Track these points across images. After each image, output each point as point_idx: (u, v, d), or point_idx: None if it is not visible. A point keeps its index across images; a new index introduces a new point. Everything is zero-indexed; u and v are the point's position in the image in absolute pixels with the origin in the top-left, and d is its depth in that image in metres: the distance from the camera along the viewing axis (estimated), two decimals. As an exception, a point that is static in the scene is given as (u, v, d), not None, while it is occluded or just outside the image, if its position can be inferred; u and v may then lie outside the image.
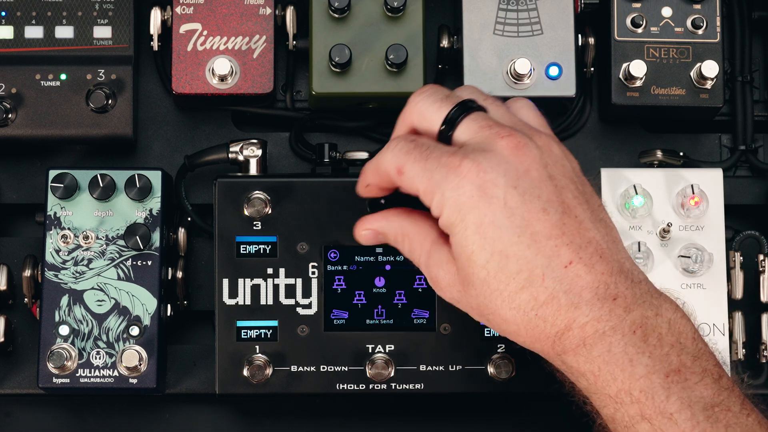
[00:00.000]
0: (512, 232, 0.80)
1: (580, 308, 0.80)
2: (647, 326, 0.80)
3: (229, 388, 1.00)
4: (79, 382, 1.01)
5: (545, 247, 0.80)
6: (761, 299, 1.05)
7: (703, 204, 1.02)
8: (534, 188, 0.81)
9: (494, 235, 0.80)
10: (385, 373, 1.00)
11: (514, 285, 0.81)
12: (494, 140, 0.82)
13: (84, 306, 1.01)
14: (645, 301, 0.81)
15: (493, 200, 0.80)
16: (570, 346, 0.81)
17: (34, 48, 1.05)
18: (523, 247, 0.80)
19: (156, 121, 1.10)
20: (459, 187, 0.81)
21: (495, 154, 0.81)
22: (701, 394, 0.79)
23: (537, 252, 0.80)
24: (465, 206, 0.81)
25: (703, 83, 1.05)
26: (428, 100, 0.86)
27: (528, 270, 0.80)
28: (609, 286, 0.81)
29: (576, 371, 0.82)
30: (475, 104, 0.85)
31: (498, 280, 0.81)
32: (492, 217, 0.80)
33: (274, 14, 1.06)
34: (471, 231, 0.81)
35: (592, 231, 0.82)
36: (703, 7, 1.06)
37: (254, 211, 1.00)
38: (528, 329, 0.82)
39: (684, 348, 0.80)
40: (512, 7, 1.05)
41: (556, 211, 0.81)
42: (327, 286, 1.01)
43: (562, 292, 0.80)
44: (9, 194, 1.09)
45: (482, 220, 0.81)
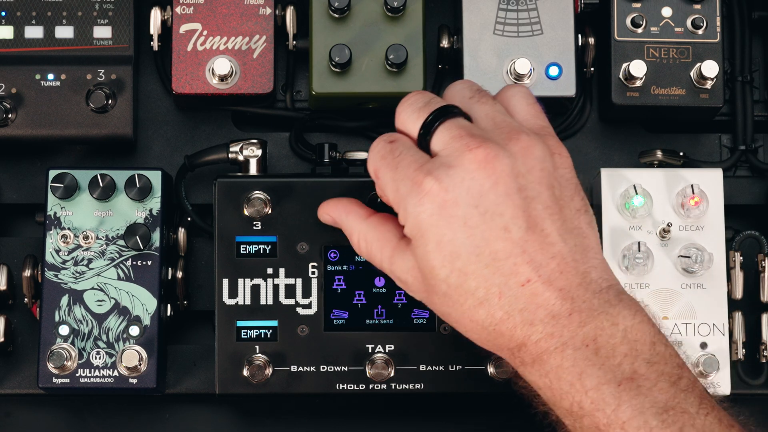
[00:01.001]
0: (471, 251, 0.81)
1: (535, 325, 0.81)
2: (600, 338, 0.81)
3: (229, 388, 1.00)
4: (79, 382, 1.01)
5: (504, 265, 0.81)
6: (761, 299, 1.05)
7: (703, 204, 1.02)
8: (498, 205, 0.81)
9: (453, 252, 0.81)
10: (385, 373, 1.00)
11: (472, 301, 0.82)
12: (462, 154, 0.82)
13: (84, 306, 1.01)
14: (602, 312, 0.81)
15: (453, 219, 0.81)
16: (526, 360, 0.82)
17: (34, 48, 1.05)
18: (482, 266, 0.81)
19: (156, 121, 1.10)
20: (419, 204, 0.82)
21: (460, 169, 0.81)
22: (655, 399, 0.79)
23: (495, 271, 0.81)
24: (425, 223, 0.82)
25: (703, 83, 1.05)
26: (410, 107, 0.86)
27: (485, 288, 0.81)
28: (565, 301, 0.81)
29: (535, 384, 0.84)
30: (455, 110, 0.85)
31: (458, 294, 0.82)
32: (451, 236, 0.81)
33: (274, 14, 1.06)
34: (431, 247, 0.82)
35: (558, 244, 0.82)
36: (703, 7, 1.06)
37: (254, 211, 1.00)
38: (488, 341, 0.84)
39: (639, 355, 0.81)
40: (512, 7, 1.05)
41: (519, 228, 0.81)
42: (327, 286, 1.01)
43: (518, 311, 0.81)
44: (9, 194, 1.09)
45: (441, 238, 0.81)
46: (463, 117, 0.85)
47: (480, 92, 0.88)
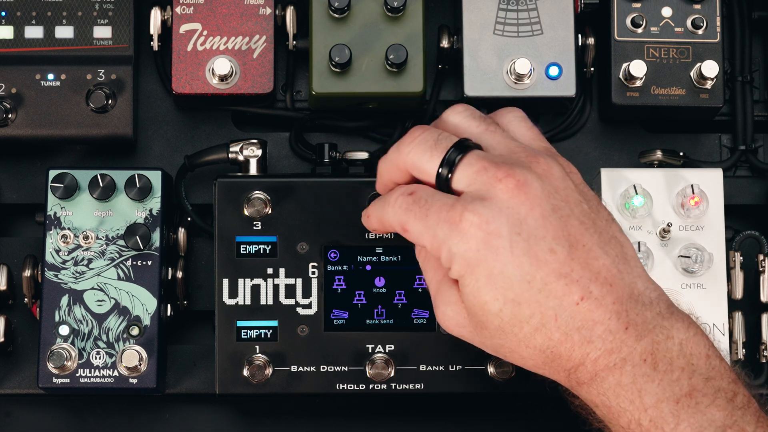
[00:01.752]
0: (522, 279, 0.80)
1: (593, 343, 0.81)
2: (657, 352, 0.80)
3: (229, 388, 1.00)
4: (79, 382, 1.01)
5: (556, 287, 0.80)
6: (761, 299, 1.05)
7: (703, 204, 1.02)
8: (539, 228, 0.81)
9: (504, 284, 0.81)
10: (385, 373, 1.00)
11: (528, 328, 0.81)
12: (492, 185, 0.81)
13: (84, 306, 1.01)
14: (656, 325, 0.81)
15: (499, 251, 0.80)
16: (583, 379, 0.82)
17: (34, 48, 1.05)
18: (534, 292, 0.80)
19: (156, 121, 1.10)
20: (463, 242, 0.81)
21: (495, 201, 0.81)
22: (713, 416, 0.79)
23: (548, 294, 0.80)
24: (473, 260, 0.81)
25: (703, 83, 1.05)
26: (419, 148, 0.85)
27: (540, 313, 0.81)
28: (621, 315, 0.81)
29: (591, 403, 0.83)
30: (468, 143, 0.84)
31: (512, 325, 0.82)
32: (501, 267, 0.80)
33: (274, 14, 1.06)
34: (482, 283, 0.81)
35: (602, 258, 0.82)
36: (703, 7, 1.06)
37: (254, 211, 1.00)
38: (545, 365, 0.83)
39: (695, 369, 0.80)
40: (512, 7, 1.05)
41: (563, 248, 0.81)
42: (327, 286, 1.01)
43: (575, 329, 0.81)
44: (9, 194, 1.09)
45: (491, 271, 0.81)
46: (478, 149, 0.84)
47: (483, 119, 0.87)
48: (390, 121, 1.10)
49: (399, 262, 1.01)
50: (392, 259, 1.01)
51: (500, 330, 0.82)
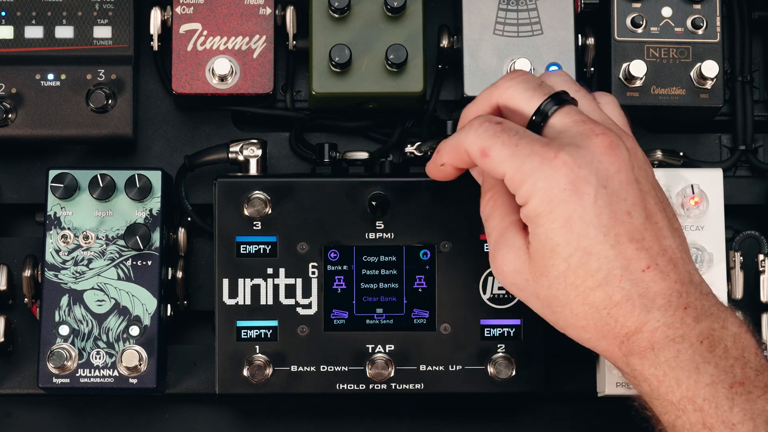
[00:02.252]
0: (598, 231, 0.81)
1: (652, 313, 0.81)
2: (714, 337, 0.81)
3: (229, 388, 1.00)
4: (79, 382, 1.01)
5: (627, 249, 0.81)
6: (761, 299, 1.05)
7: (703, 204, 1.02)
8: (622, 190, 0.82)
9: (581, 231, 0.81)
10: (385, 373, 1.00)
11: (592, 282, 0.81)
12: (589, 137, 0.82)
13: (84, 306, 1.01)
14: (712, 314, 0.82)
15: (584, 197, 0.81)
16: (638, 348, 0.82)
17: (34, 48, 1.05)
18: (607, 246, 0.81)
19: (156, 121, 1.10)
20: (552, 178, 0.81)
21: (589, 151, 0.82)
22: (764, 407, 0.79)
23: (618, 253, 0.81)
24: (556, 198, 0.81)
25: (703, 83, 1.05)
26: (521, 86, 0.86)
27: (607, 269, 0.81)
28: (681, 294, 0.82)
29: (639, 375, 0.83)
30: (568, 97, 0.85)
31: (576, 275, 0.82)
32: (581, 213, 0.81)
33: (274, 14, 1.06)
34: (559, 224, 0.81)
35: (669, 239, 0.83)
36: (703, 7, 1.06)
37: (254, 211, 1.00)
38: (597, 326, 0.83)
39: (748, 362, 0.81)
40: (512, 7, 1.05)
41: (640, 216, 0.82)
42: (327, 286, 1.01)
43: (637, 295, 0.81)
44: (9, 194, 1.09)
45: (571, 214, 0.81)
46: (574, 105, 0.86)
47: (580, 88, 0.88)
48: (390, 121, 1.10)
49: (399, 262, 1.01)
50: (392, 259, 1.01)
51: (562, 278, 0.82)
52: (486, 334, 1.01)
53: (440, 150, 0.90)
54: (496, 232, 0.87)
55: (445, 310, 1.01)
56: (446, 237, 1.01)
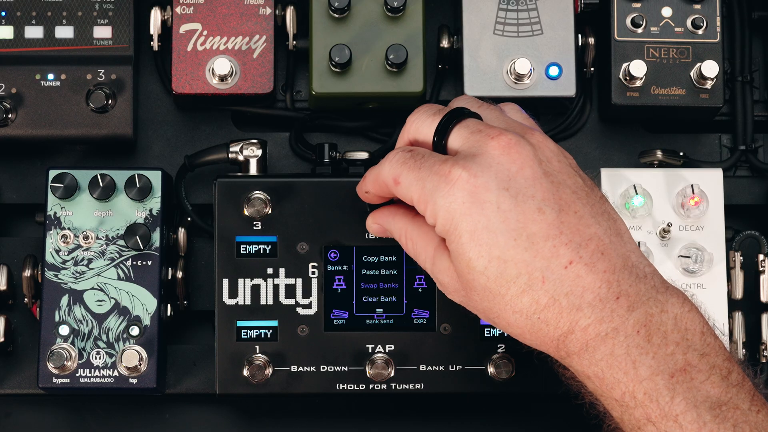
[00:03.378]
0: (508, 236, 0.80)
1: (582, 310, 0.79)
2: (651, 324, 0.79)
3: (229, 388, 1.00)
4: (79, 382, 1.01)
5: (543, 248, 0.79)
6: (761, 299, 1.05)
7: (703, 204, 1.02)
8: (528, 187, 0.80)
9: (489, 240, 0.80)
10: (385, 373, 1.00)
11: (515, 289, 0.80)
12: (484, 143, 0.82)
13: (84, 306, 1.01)
14: (650, 298, 0.80)
15: (485, 205, 0.80)
16: (573, 349, 0.80)
17: (34, 48, 1.05)
18: (521, 250, 0.80)
19: (156, 121, 1.10)
20: (450, 194, 0.81)
21: (485, 156, 0.81)
22: (708, 393, 0.78)
23: (535, 254, 0.79)
24: (457, 213, 0.81)
25: (703, 83, 1.05)
26: (423, 116, 0.87)
27: (527, 273, 0.80)
28: (611, 284, 0.79)
29: (581, 374, 0.82)
30: (467, 111, 0.85)
31: (498, 285, 0.81)
32: (485, 222, 0.80)
33: (274, 14, 1.06)
34: (466, 238, 0.81)
35: (593, 226, 0.81)
36: (703, 7, 1.06)
37: (254, 211, 1.00)
38: (532, 332, 0.82)
39: (690, 345, 0.79)
40: (512, 7, 1.05)
41: (553, 210, 0.80)
42: (327, 286, 1.01)
43: (563, 295, 0.79)
44: (9, 194, 1.09)
45: (476, 226, 0.80)
46: (475, 118, 0.85)
47: (485, 103, 0.88)
48: (390, 121, 1.10)
49: (399, 262, 1.01)
50: (392, 259, 1.01)
51: (487, 290, 0.81)
52: (486, 334, 1.01)
53: (364, 179, 0.90)
54: (427, 261, 0.87)
55: (445, 310, 1.01)
56: (446, 237, 1.01)
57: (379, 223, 0.92)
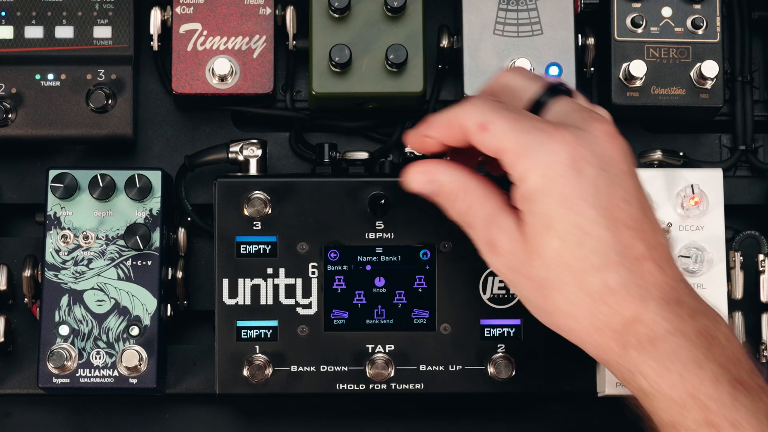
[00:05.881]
0: (597, 212, 0.79)
1: (648, 304, 0.79)
2: (709, 335, 0.79)
3: (229, 388, 1.00)
4: (79, 382, 1.01)
5: (624, 235, 0.79)
6: (761, 299, 1.05)
7: (703, 204, 1.02)
8: (621, 178, 0.80)
9: (579, 209, 0.79)
10: (385, 373, 1.00)
11: (588, 264, 0.79)
12: (590, 122, 0.81)
13: (84, 306, 1.01)
14: (705, 312, 0.80)
15: (585, 176, 0.79)
16: (633, 342, 0.79)
17: (34, 48, 1.05)
18: (605, 229, 0.79)
19: (156, 121, 1.10)
20: (554, 152, 0.79)
21: (591, 134, 0.81)
22: (762, 406, 0.78)
23: (616, 238, 0.79)
24: (556, 174, 0.79)
25: (703, 83, 1.05)
26: (519, 75, 0.86)
27: (604, 253, 0.79)
28: (675, 290, 0.80)
29: (637, 369, 0.80)
30: (566, 88, 0.85)
31: (572, 255, 0.79)
32: (581, 191, 0.79)
33: (274, 14, 1.06)
34: (556, 199, 0.79)
35: (661, 237, 0.81)
36: (703, 7, 1.06)
37: (254, 211, 1.00)
38: (590, 315, 0.80)
39: (741, 362, 0.79)
40: (512, 7, 1.05)
41: (636, 206, 0.80)
42: (327, 286, 1.01)
43: (634, 284, 0.79)
44: (9, 194, 1.09)
45: (570, 191, 0.79)
46: None
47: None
48: (390, 121, 1.10)
49: (399, 262, 1.01)
50: (392, 259, 1.01)
51: (557, 258, 0.79)
52: (486, 334, 1.01)
53: (430, 122, 0.86)
54: (481, 220, 0.84)
55: (445, 310, 1.01)
56: (446, 237, 1.01)
57: (430, 174, 0.86)
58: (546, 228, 0.80)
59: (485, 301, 1.01)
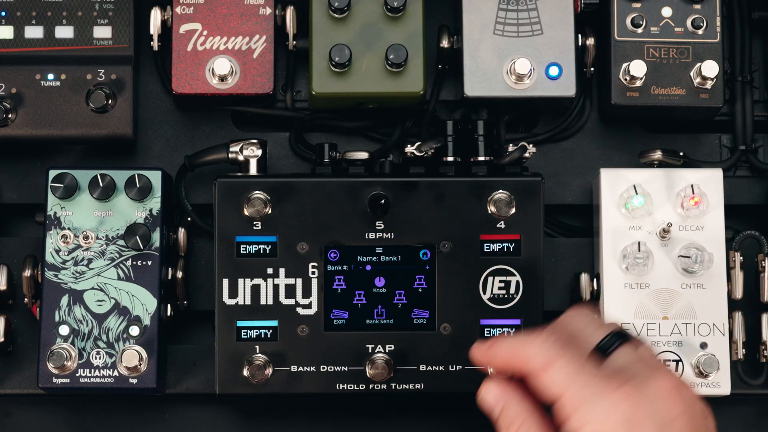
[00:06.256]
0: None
1: None
2: None
3: (229, 388, 1.00)
4: (79, 382, 1.01)
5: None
6: (761, 299, 1.05)
7: (703, 204, 1.02)
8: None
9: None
10: (385, 373, 1.00)
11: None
12: (653, 374, 0.80)
13: (84, 306, 1.01)
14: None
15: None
16: None
17: (34, 48, 1.06)
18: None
19: (156, 121, 1.10)
20: (612, 407, 0.78)
21: (653, 389, 0.79)
22: None
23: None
24: (611, 429, 0.78)
25: (703, 83, 1.05)
26: (585, 319, 0.84)
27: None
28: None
29: None
30: (630, 337, 0.83)
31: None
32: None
33: (274, 14, 1.06)
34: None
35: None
36: (703, 7, 1.06)
37: (254, 211, 1.00)
38: None
39: None
40: (512, 7, 1.05)
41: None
42: (327, 286, 1.01)
43: None
44: (9, 194, 1.09)
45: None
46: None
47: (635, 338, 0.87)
48: (390, 121, 1.10)
49: (399, 262, 1.01)
50: (392, 259, 1.01)
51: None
52: (486, 334, 1.01)
53: (496, 345, 0.85)
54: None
55: (445, 310, 1.01)
56: (446, 237, 1.01)
57: (499, 398, 0.85)
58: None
59: (485, 301, 1.01)
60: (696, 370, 1.02)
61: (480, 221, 1.01)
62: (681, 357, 1.02)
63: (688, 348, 1.02)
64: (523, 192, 1.01)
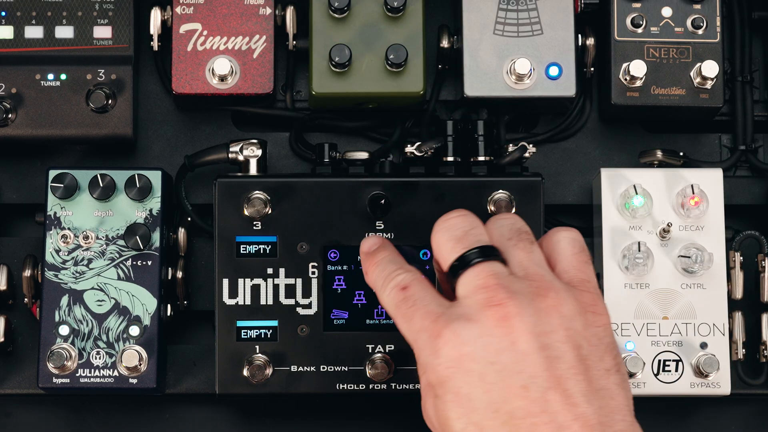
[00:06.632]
0: (488, 408, 0.79)
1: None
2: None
3: (229, 388, 1.00)
4: (79, 382, 1.01)
5: (522, 425, 0.78)
6: (761, 299, 1.05)
7: (703, 204, 1.02)
8: (517, 362, 0.79)
9: (470, 407, 0.79)
10: (385, 373, 1.00)
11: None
12: (482, 308, 0.80)
13: (84, 306, 1.01)
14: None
15: (470, 374, 0.79)
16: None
17: (34, 48, 1.06)
18: (499, 423, 0.78)
19: (156, 121, 1.10)
20: (437, 356, 0.80)
21: (478, 324, 0.80)
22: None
23: (513, 429, 0.78)
24: (442, 375, 0.80)
25: (703, 83, 1.05)
26: (448, 233, 0.85)
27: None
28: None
29: None
30: (493, 252, 0.83)
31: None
32: (468, 389, 0.79)
33: (274, 14, 1.06)
34: (449, 398, 0.80)
35: (582, 405, 0.78)
36: (703, 7, 1.06)
37: (254, 211, 1.00)
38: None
39: None
40: (512, 7, 1.05)
41: (539, 387, 0.78)
42: (327, 286, 1.01)
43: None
44: (9, 194, 1.09)
45: (458, 391, 0.79)
46: (500, 261, 0.83)
47: (521, 234, 0.86)
48: (390, 121, 1.10)
49: (399, 262, 1.01)
50: (392, 259, 1.01)
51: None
52: (486, 334, 1.01)
53: (368, 272, 0.90)
54: (421, 381, 0.85)
55: (445, 310, 1.01)
56: (446, 237, 1.01)
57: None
58: (445, 423, 0.81)
59: (485, 301, 1.01)
60: (696, 370, 1.02)
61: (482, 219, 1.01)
62: (681, 357, 1.02)
63: (688, 348, 1.02)
64: (523, 192, 1.01)
